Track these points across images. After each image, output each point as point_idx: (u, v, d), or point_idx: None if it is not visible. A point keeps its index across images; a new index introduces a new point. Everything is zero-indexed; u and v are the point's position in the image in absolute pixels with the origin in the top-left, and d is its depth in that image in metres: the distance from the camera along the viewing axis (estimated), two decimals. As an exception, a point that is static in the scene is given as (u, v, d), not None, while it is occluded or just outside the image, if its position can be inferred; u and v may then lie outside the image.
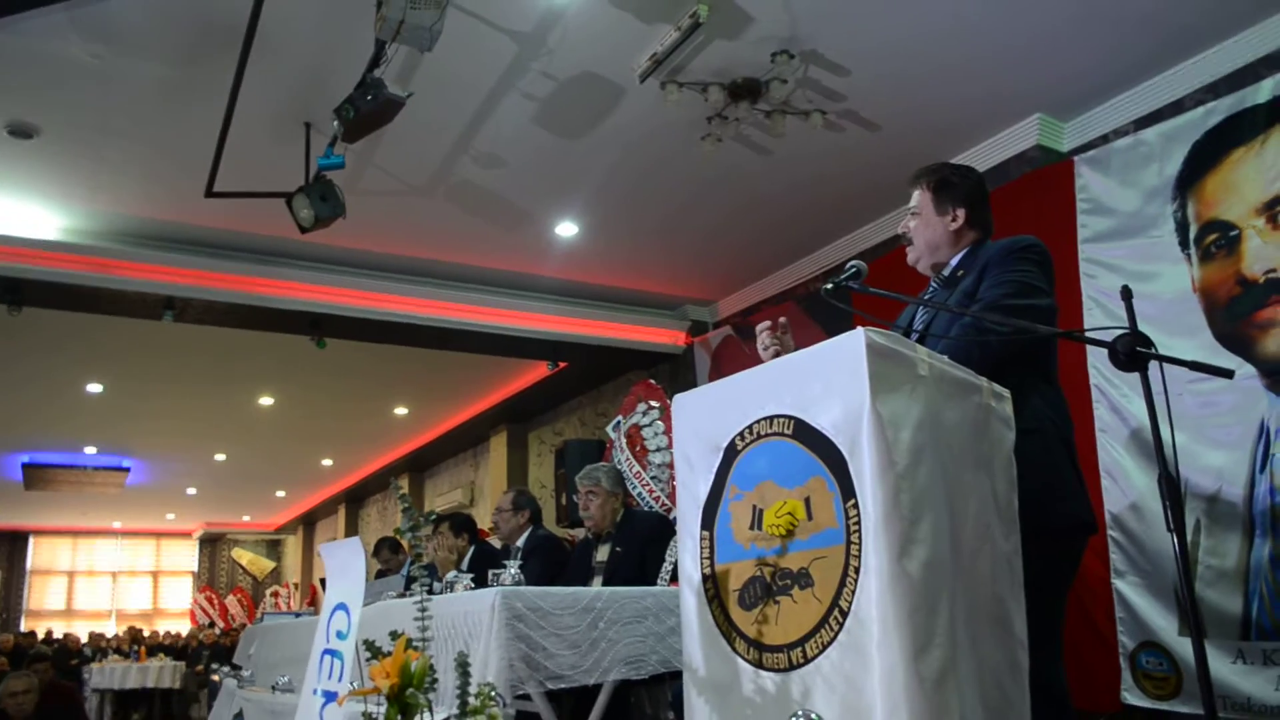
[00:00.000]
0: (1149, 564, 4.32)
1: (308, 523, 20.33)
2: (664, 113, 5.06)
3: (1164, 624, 4.25)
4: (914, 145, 5.30)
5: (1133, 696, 4.34)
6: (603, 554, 4.78)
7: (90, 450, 13.57)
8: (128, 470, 14.58)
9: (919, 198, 2.79)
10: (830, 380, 1.87)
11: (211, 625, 17.84)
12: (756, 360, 2.10)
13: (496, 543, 5.92)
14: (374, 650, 1.76)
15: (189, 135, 5.21)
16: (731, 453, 2.07)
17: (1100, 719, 4.43)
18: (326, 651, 2.02)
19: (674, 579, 4.29)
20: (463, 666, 1.75)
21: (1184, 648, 4.15)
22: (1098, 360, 4.56)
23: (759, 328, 2.59)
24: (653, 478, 6.61)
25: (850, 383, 1.82)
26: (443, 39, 3.93)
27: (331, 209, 5.06)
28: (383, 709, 1.73)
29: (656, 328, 8.29)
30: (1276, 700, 3.79)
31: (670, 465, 6.47)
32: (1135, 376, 2.07)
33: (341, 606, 2.02)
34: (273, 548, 22.75)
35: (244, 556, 22.30)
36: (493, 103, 5.05)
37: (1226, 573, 4.06)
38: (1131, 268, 4.48)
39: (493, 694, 1.73)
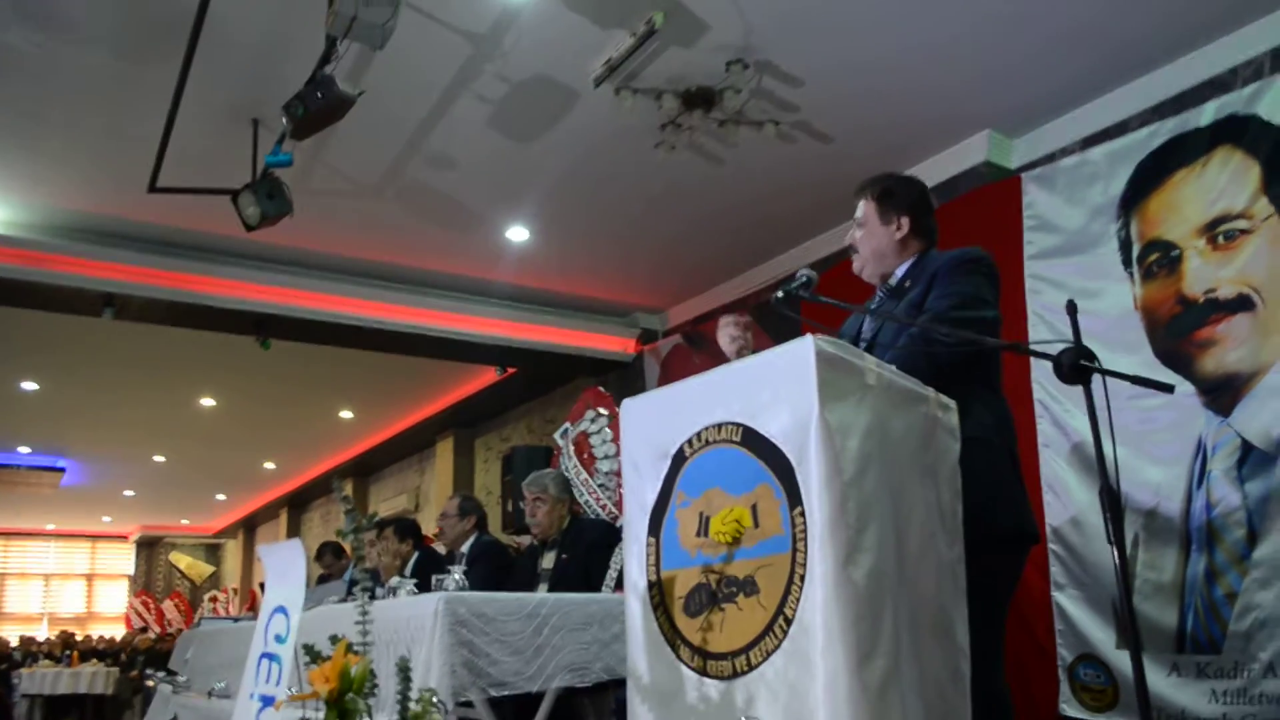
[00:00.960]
0: (1088, 577, 4.38)
1: (248, 527, 20.01)
2: (618, 119, 5.06)
3: (1102, 636, 4.30)
4: (865, 158, 5.32)
5: (1070, 708, 4.39)
6: (548, 561, 4.75)
7: (24, 450, 13.27)
8: (63, 471, 14.26)
9: (864, 208, 2.82)
10: (779, 388, 1.87)
11: (146, 630, 17.47)
12: (705, 369, 2.10)
13: (441, 548, 5.86)
14: (313, 654, 1.72)
15: (132, 128, 5.10)
16: (680, 459, 2.06)
17: (1038, 730, 4.48)
18: (264, 655, 1.98)
19: (619, 586, 4.27)
20: (404, 671, 1.72)
21: (1121, 660, 4.21)
22: (1041, 375, 4.62)
23: (725, 319, 2.57)
24: (600, 485, 6.58)
25: (799, 391, 1.82)
26: (395, 37, 3.89)
27: (278, 207, 4.99)
28: (321, 714, 1.70)
29: (606, 335, 8.27)
30: (1210, 713, 3.86)
31: (617, 473, 6.45)
32: (1078, 392, 2.09)
33: (281, 610, 1.98)
34: (212, 552, 22.34)
35: (182, 560, 21.86)
36: (445, 104, 5.01)
37: (1163, 586, 4.12)
38: (1076, 284, 4.54)
39: (434, 700, 1.70)
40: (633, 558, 2.14)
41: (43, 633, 18.90)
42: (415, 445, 12.69)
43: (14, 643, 15.96)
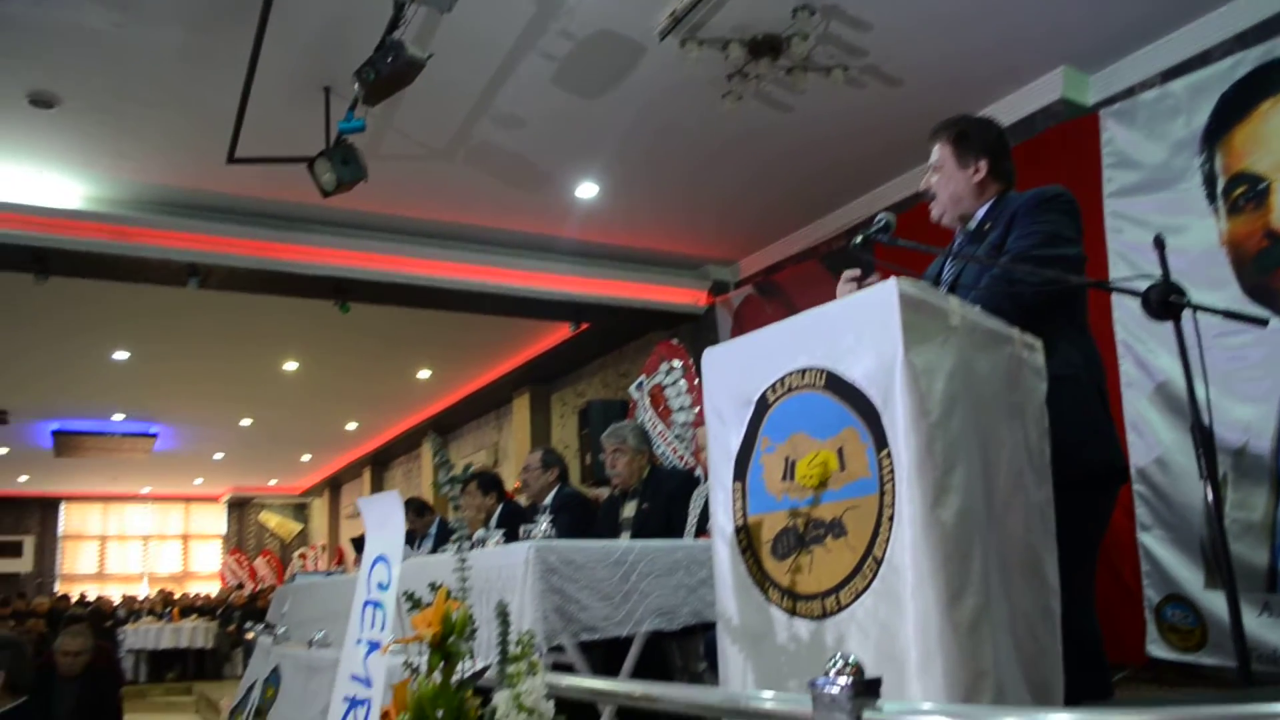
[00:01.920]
0: (1175, 517, 4.33)
1: (333, 486, 20.54)
2: (684, 71, 5.04)
3: (1189, 576, 4.26)
4: (937, 100, 5.24)
5: (1158, 649, 4.36)
6: (629, 510, 4.83)
7: (118, 417, 13.72)
8: (155, 436, 14.74)
9: (939, 152, 2.77)
10: (862, 332, 1.88)
11: (240, 586, 18.10)
12: (779, 320, 2.10)
13: (523, 501, 5.97)
14: (415, 601, 1.79)
15: (209, 101, 5.22)
16: (763, 405, 2.08)
17: (1126, 671, 4.46)
18: (368, 602, 2.06)
19: (699, 533, 4.33)
20: (503, 615, 1.79)
21: (1209, 600, 4.16)
22: (1124, 315, 4.53)
23: (847, 274, 2.48)
24: (676, 436, 6.64)
25: (882, 334, 1.82)
26: (462, -1, 3.93)
27: (353, 173, 5.07)
28: (424, 658, 1.77)
29: (678, 288, 8.29)
30: (1303, 650, 3.81)
31: (694, 424, 6.50)
32: (1162, 331, 2.08)
33: (382, 558, 2.05)
34: (299, 511, 23.02)
35: (271, 520, 22.59)
36: (512, 63, 5.03)
37: (1253, 526, 4.06)
38: (1158, 221, 4.44)
39: (533, 641, 1.76)
40: (719, 503, 2.18)
41: (143, 591, 19.67)
42: (493, 402, 12.87)
43: (117, 601, 16.66)
